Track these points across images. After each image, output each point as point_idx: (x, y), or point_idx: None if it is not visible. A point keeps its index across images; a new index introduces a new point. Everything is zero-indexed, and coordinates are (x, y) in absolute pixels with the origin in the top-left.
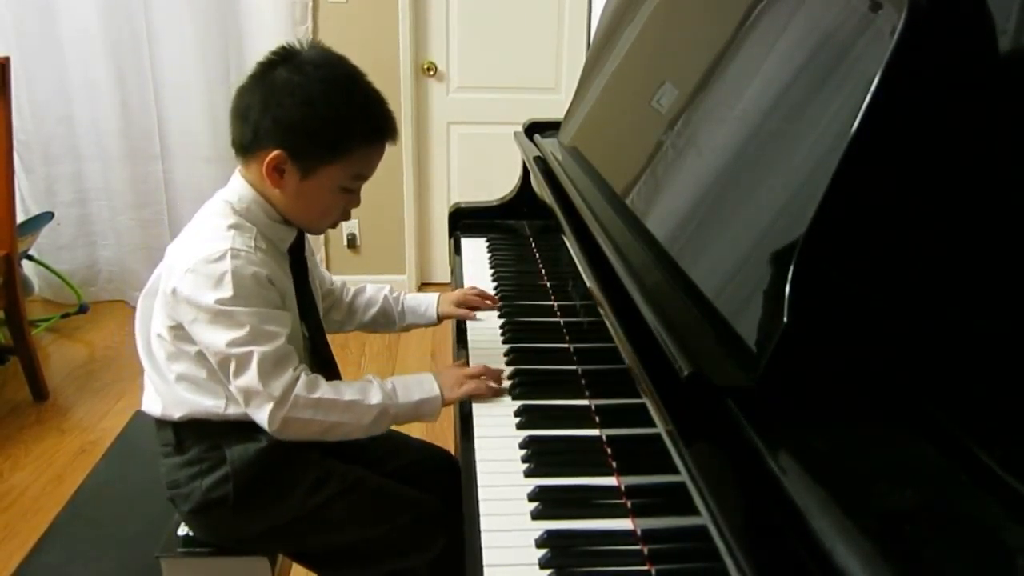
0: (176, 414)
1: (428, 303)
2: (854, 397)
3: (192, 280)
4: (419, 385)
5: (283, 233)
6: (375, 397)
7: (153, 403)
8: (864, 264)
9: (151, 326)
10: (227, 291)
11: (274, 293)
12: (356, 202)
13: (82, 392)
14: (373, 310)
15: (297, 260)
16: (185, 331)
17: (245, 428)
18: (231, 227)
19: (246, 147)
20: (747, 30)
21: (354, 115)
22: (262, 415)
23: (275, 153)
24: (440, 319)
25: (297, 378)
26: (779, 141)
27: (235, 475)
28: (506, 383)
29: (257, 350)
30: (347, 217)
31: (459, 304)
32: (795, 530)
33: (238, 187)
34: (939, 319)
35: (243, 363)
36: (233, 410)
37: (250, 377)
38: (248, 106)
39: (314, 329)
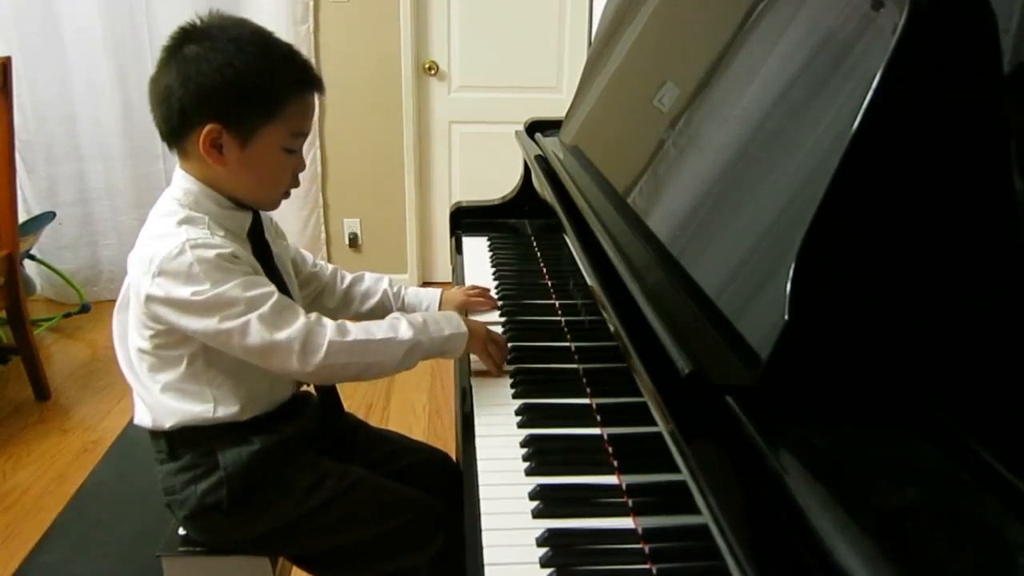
0: (167, 424)
1: (430, 301)
2: (855, 395)
3: (162, 282)
4: (448, 321)
5: (238, 219)
6: (406, 332)
7: (144, 416)
8: (865, 263)
9: (129, 341)
10: (200, 282)
11: (244, 265)
12: (302, 165)
13: (84, 391)
14: (371, 302)
15: (259, 245)
16: (167, 337)
17: (238, 432)
18: (181, 222)
19: (176, 132)
20: (748, 29)
21: (277, 67)
22: (291, 365)
23: (209, 127)
24: None
25: (316, 322)
26: (780, 140)
27: (229, 480)
28: (508, 381)
29: (253, 315)
30: (296, 183)
31: (462, 309)
32: (796, 529)
33: (182, 182)
34: (940, 318)
35: (243, 330)
36: (223, 412)
37: (257, 338)
38: (167, 88)
39: None
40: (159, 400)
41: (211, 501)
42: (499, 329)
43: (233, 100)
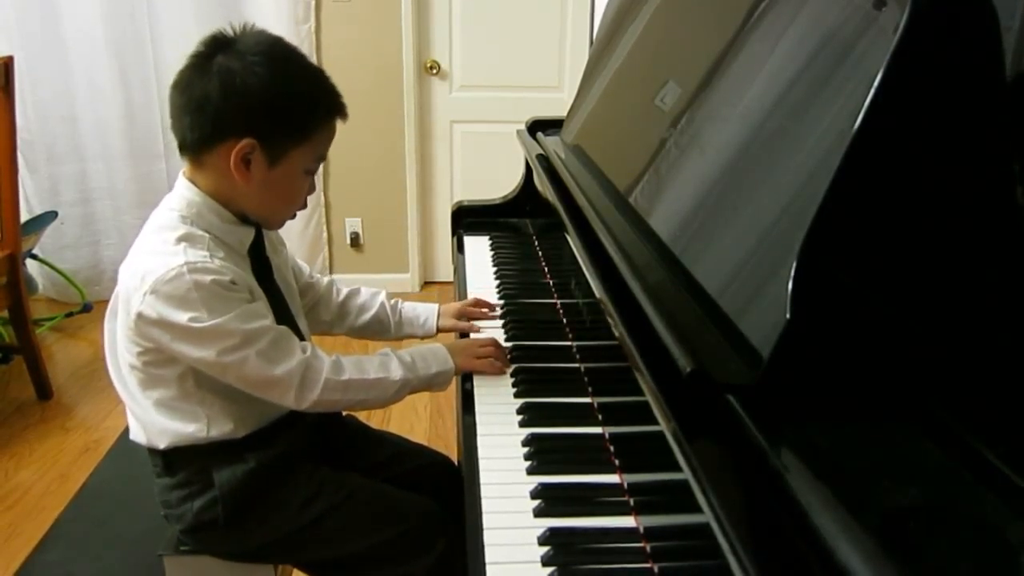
0: (161, 444)
1: (428, 314)
2: (856, 394)
3: (154, 302)
4: (434, 357)
5: (240, 234)
6: (397, 372)
7: (138, 433)
8: (866, 262)
9: (119, 355)
10: (198, 309)
11: (242, 291)
12: (313, 188)
13: (86, 391)
14: (367, 315)
15: (259, 262)
16: (156, 355)
17: (233, 450)
18: (180, 239)
19: (204, 142)
20: (750, 28)
21: (314, 92)
22: (287, 401)
23: (245, 142)
24: (440, 331)
25: (313, 356)
26: (782, 139)
27: (223, 498)
28: (509, 380)
29: (252, 351)
30: (305, 205)
31: (460, 317)
32: (797, 527)
33: (185, 192)
34: (941, 316)
35: (242, 365)
36: (216, 431)
37: (255, 373)
38: (204, 97)
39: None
40: (152, 419)
41: (207, 518)
42: (500, 329)
43: (272, 119)
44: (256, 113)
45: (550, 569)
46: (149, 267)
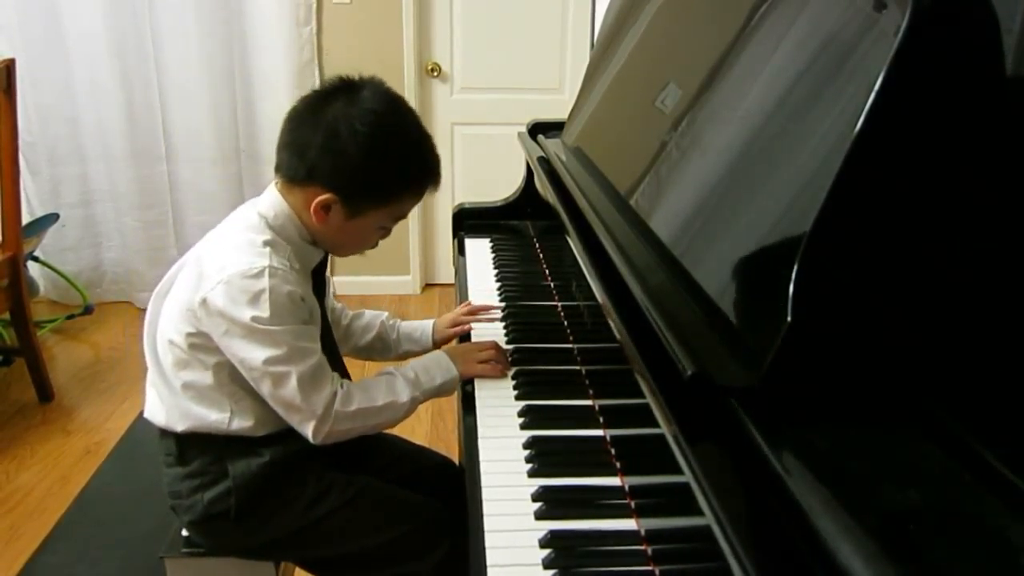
0: (179, 427)
1: (423, 328)
2: (857, 397)
3: (226, 292)
4: (437, 366)
5: (312, 254)
6: (404, 393)
7: (156, 411)
8: (867, 264)
9: (159, 330)
10: (264, 310)
11: (305, 310)
12: (388, 234)
13: (87, 393)
14: (370, 335)
15: (319, 282)
16: (204, 342)
17: (248, 442)
18: (267, 243)
19: (295, 180)
20: (751, 30)
21: (412, 167)
22: (305, 429)
23: (327, 195)
24: (437, 345)
25: (335, 392)
26: (783, 141)
27: (237, 490)
28: (510, 382)
29: (295, 369)
30: (376, 246)
31: (453, 326)
32: (798, 530)
33: (274, 202)
34: (942, 318)
35: (281, 381)
36: (237, 425)
37: (289, 394)
38: (306, 144)
39: (329, 349)
40: (177, 399)
41: (218, 510)
42: (501, 331)
43: (360, 186)
44: (346, 177)
45: (552, 572)
46: (232, 259)
